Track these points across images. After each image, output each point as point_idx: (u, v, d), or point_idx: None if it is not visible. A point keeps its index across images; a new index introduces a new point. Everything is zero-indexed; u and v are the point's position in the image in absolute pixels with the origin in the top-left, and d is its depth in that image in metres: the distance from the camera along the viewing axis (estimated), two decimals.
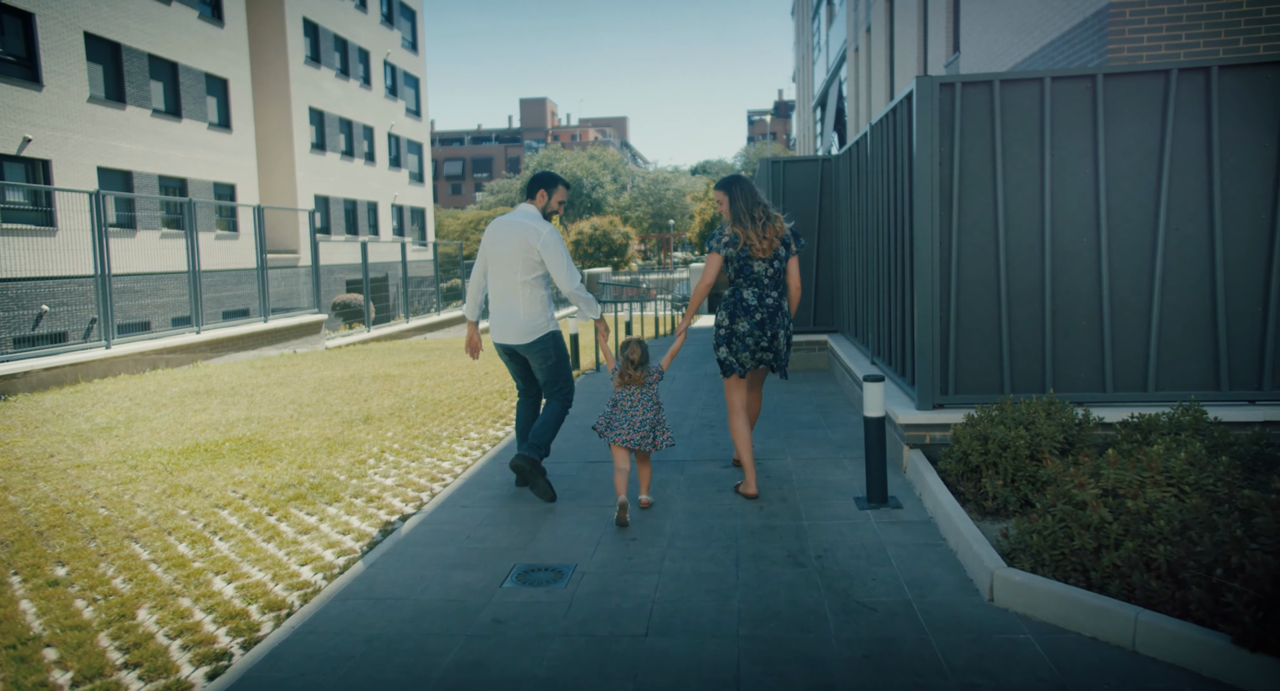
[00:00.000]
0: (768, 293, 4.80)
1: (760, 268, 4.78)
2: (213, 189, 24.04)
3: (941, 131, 4.98)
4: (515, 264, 4.72)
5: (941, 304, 5.04)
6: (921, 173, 4.96)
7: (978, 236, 5.01)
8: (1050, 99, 4.86)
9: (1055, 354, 4.97)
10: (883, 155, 6.36)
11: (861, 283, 7.70)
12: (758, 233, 4.73)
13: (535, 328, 4.76)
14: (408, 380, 9.38)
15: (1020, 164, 4.94)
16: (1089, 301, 4.92)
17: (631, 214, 65.01)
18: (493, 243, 4.82)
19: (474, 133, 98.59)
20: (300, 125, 28.86)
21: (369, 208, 33.95)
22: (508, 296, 4.77)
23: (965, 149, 4.99)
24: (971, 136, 4.98)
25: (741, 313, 4.79)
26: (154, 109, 21.71)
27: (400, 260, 22.52)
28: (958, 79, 4.93)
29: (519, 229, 4.73)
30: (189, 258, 11.65)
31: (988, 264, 5.01)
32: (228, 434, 6.50)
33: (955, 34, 11.72)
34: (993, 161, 4.96)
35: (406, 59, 37.87)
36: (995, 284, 5.00)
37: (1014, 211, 4.97)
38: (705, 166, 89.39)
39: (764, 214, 4.78)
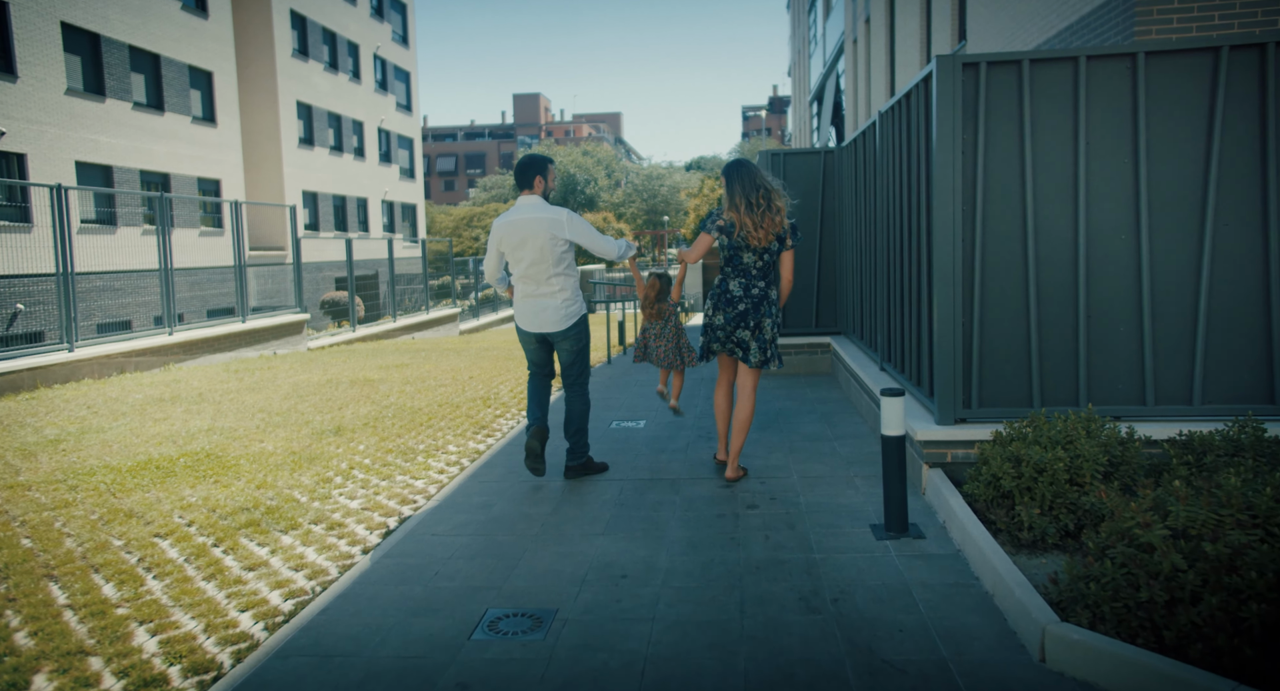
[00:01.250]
0: (754, 283, 4.82)
1: (750, 259, 4.79)
2: (197, 184, 23.48)
3: (964, 117, 4.50)
4: (544, 254, 4.77)
5: (964, 308, 4.56)
6: (942, 163, 4.48)
7: (1004, 233, 4.53)
8: (1086, 80, 4.38)
9: (1090, 363, 4.50)
10: (894, 145, 5.88)
11: (868, 282, 7.23)
12: (754, 220, 4.69)
13: (570, 314, 4.92)
14: (387, 385, 8.89)
15: (1052, 153, 4.46)
16: (1127, 305, 4.44)
17: (625, 210, 64.47)
18: (512, 242, 4.82)
19: (467, 128, 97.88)
20: (288, 119, 28.28)
21: (359, 204, 33.38)
22: (542, 288, 4.85)
23: (990, 136, 4.51)
24: (997, 122, 4.50)
25: (724, 305, 4.85)
26: (135, 102, 21.13)
27: (397, 259, 22.06)
28: (983, 58, 4.45)
29: (539, 223, 4.75)
30: (160, 254, 11.13)
31: (1015, 263, 4.53)
32: (185, 447, 6.00)
33: (961, 21, 11.24)
34: (1021, 150, 4.48)
35: (397, 53, 37.27)
36: (1023, 286, 4.53)
37: (1044, 206, 4.49)
38: (700, 162, 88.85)
39: (764, 200, 4.72)
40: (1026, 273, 4.51)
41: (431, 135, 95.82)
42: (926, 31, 13.20)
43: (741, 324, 4.83)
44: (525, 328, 4.97)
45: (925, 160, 4.96)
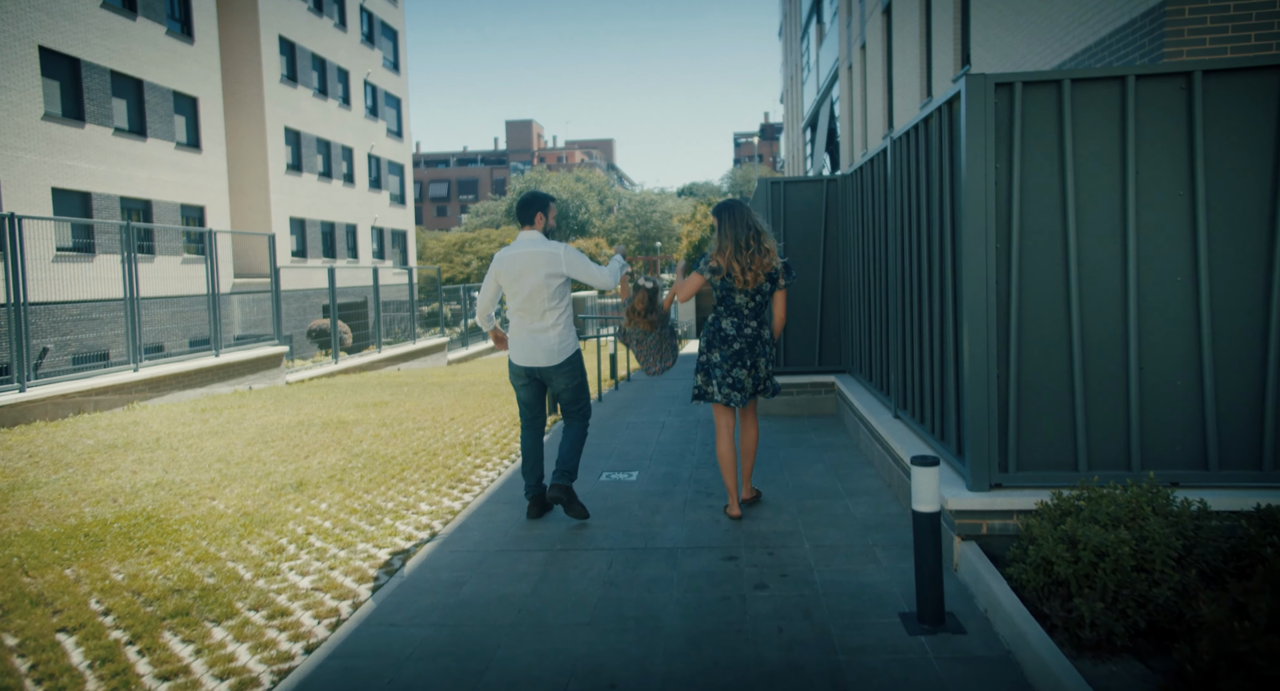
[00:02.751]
0: (746, 322, 4.84)
1: (742, 299, 4.81)
2: (180, 211, 22.94)
3: (998, 143, 3.99)
4: (541, 288, 4.84)
5: (999, 358, 4.03)
6: (972, 195, 3.97)
7: (1043, 273, 4.01)
8: (1134, 102, 3.88)
9: (1143, 421, 3.96)
10: (908, 174, 5.39)
11: (876, 319, 6.71)
12: (743, 263, 4.70)
13: (565, 348, 4.95)
14: (362, 428, 8.30)
15: (1096, 184, 3.96)
16: (1185, 355, 3.92)
17: (618, 236, 64.17)
18: (510, 276, 4.89)
19: (459, 154, 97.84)
20: (275, 145, 27.84)
21: (348, 230, 32.89)
22: (536, 323, 4.90)
23: (1027, 165, 4.00)
24: (1035, 149, 4.00)
25: (718, 343, 4.87)
26: (116, 128, 20.63)
27: (385, 284, 21.47)
28: (1018, 78, 3.96)
29: (538, 258, 4.84)
30: (126, 284, 10.55)
31: (1056, 307, 4.01)
32: (125, 507, 5.39)
33: (964, 44, 10.85)
34: (1061, 181, 3.97)
35: (388, 79, 37.00)
36: (1065, 332, 4.00)
37: (1089, 243, 3.97)
38: (692, 188, 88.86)
39: (754, 242, 4.73)
40: (1069, 317, 3.98)
41: (424, 161, 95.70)
42: (926, 56, 12.83)
43: (738, 363, 4.87)
44: (517, 361, 4.99)
45: (950, 191, 4.46)
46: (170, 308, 20.89)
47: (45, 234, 17.87)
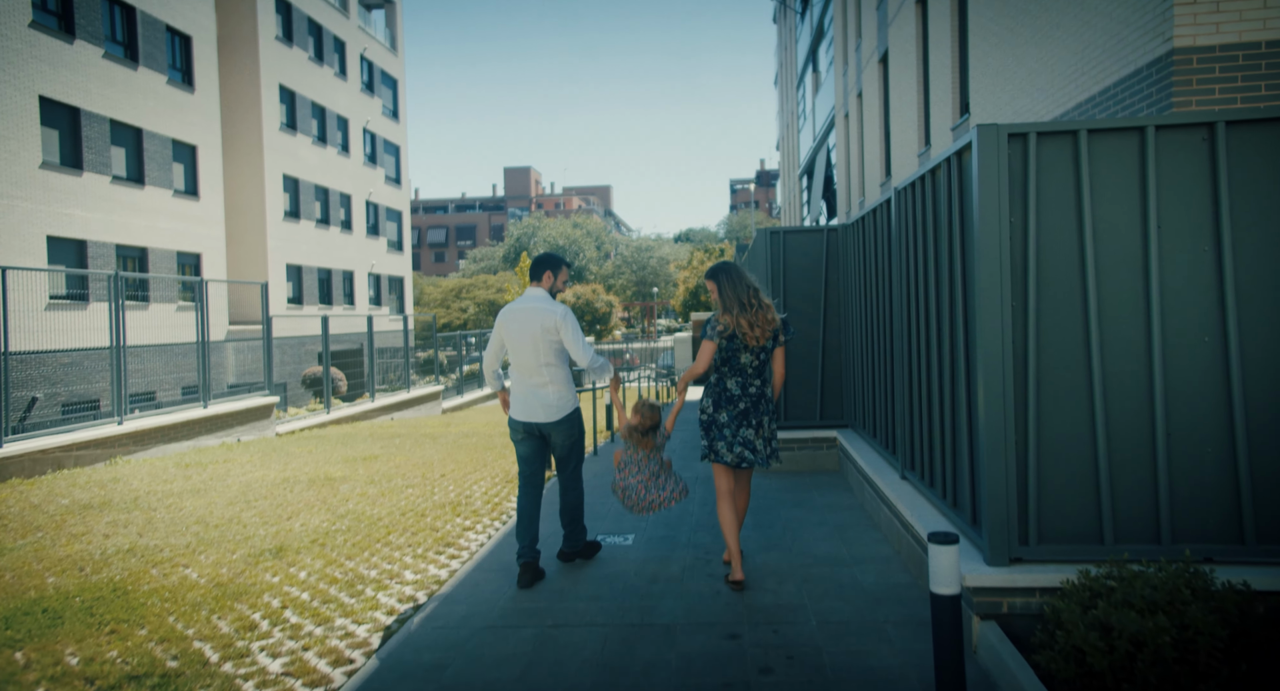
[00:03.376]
0: (750, 382, 4.85)
1: (747, 359, 4.82)
2: (176, 258, 22.84)
3: (1012, 195, 3.81)
4: (538, 348, 4.92)
5: (1017, 422, 3.79)
6: (986, 247, 3.78)
7: (1062, 331, 3.80)
8: (1155, 154, 3.71)
9: (1173, 491, 3.71)
10: (914, 225, 5.21)
11: (880, 373, 6.48)
12: (749, 320, 4.74)
13: (563, 405, 5.01)
14: (349, 485, 8.01)
15: (1117, 237, 3.77)
16: (1216, 419, 3.68)
17: (615, 282, 64.31)
18: (511, 331, 4.99)
19: (458, 200, 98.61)
20: (273, 193, 27.89)
21: (344, 277, 32.82)
22: (534, 379, 4.96)
23: (1043, 217, 3.81)
24: (1051, 201, 3.81)
25: (725, 402, 4.86)
26: (114, 176, 20.61)
27: (380, 331, 21.23)
28: (1031, 128, 3.79)
29: (536, 314, 4.92)
30: (112, 333, 10.32)
31: (1076, 368, 3.79)
32: (91, 577, 5.10)
33: (963, 94, 10.81)
34: (1079, 234, 3.78)
35: (387, 127, 37.29)
36: (1087, 394, 3.77)
37: (1110, 299, 3.77)
38: (689, 234, 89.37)
39: (755, 300, 4.78)
40: (1090, 379, 3.76)
41: (423, 207, 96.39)
42: (924, 105, 12.81)
43: (745, 422, 4.86)
44: (517, 417, 5.04)
45: (961, 243, 4.27)
46: (163, 355, 20.67)
47: (38, 282, 17.74)
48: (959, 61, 10.91)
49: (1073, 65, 7.30)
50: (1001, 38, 9.02)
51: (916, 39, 12.75)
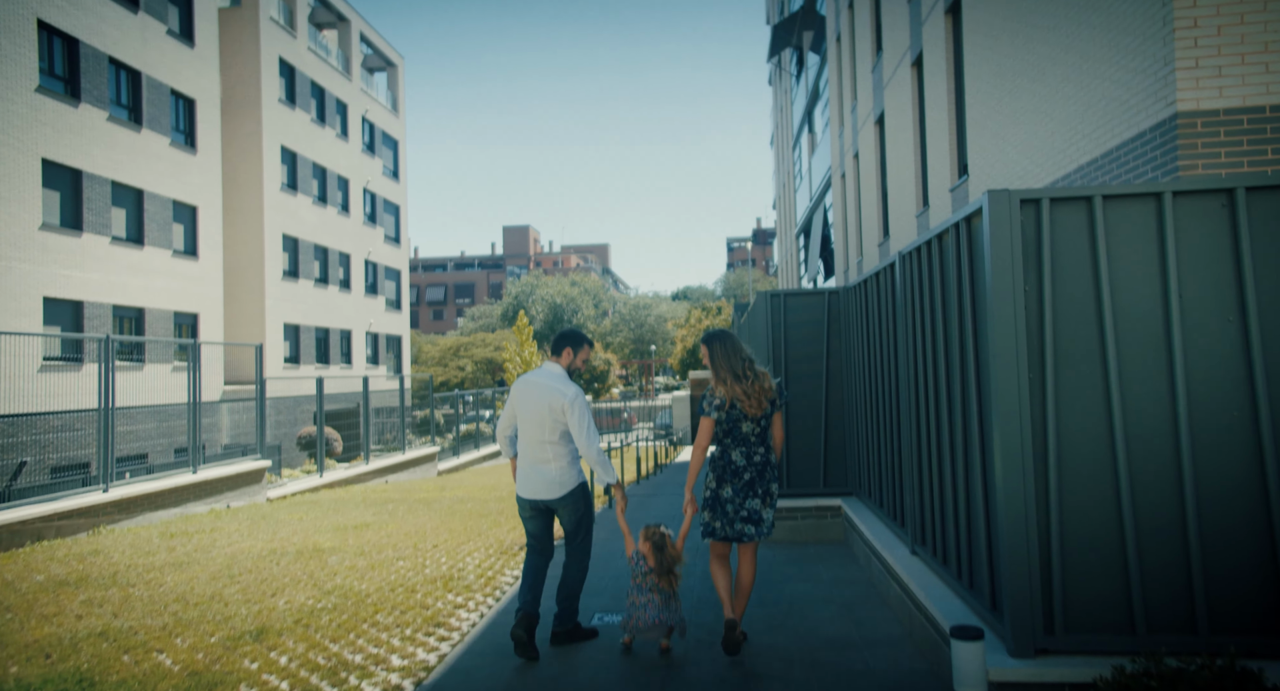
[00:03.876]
0: (755, 450, 4.79)
1: (749, 427, 4.77)
2: (173, 318, 22.75)
3: (1026, 262, 3.68)
4: (544, 424, 4.84)
5: (1038, 498, 3.59)
6: (1001, 317, 3.63)
7: (1083, 404, 3.62)
8: (1173, 220, 3.58)
9: (1207, 578, 3.48)
10: (921, 290, 5.07)
11: (886, 440, 6.28)
12: (745, 389, 4.70)
13: (565, 482, 4.90)
14: (338, 557, 7.72)
15: (1137, 305, 3.61)
16: (1249, 500, 3.48)
17: (613, 340, 64.35)
18: (521, 401, 4.94)
19: (457, 259, 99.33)
20: (273, 252, 27.97)
21: (342, 336, 32.74)
22: (538, 454, 4.89)
23: (1059, 286, 3.67)
24: (1067, 269, 3.67)
25: (729, 476, 4.78)
26: (114, 236, 20.64)
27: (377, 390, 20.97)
28: (1044, 194, 3.67)
29: (546, 391, 4.85)
30: (101, 399, 10.11)
31: (1100, 442, 3.60)
32: (58, 665, 4.80)
33: (960, 155, 10.83)
34: (1098, 303, 3.63)
35: (387, 186, 37.66)
36: (1111, 472, 3.57)
37: (1132, 371, 3.60)
38: (686, 292, 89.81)
39: (749, 371, 4.73)
40: (1114, 455, 3.57)
41: (422, 266, 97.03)
42: (921, 166, 12.86)
43: (750, 493, 4.78)
44: (522, 493, 4.98)
45: (972, 311, 4.12)
46: (156, 417, 20.43)
47: (32, 344, 17.61)
48: (955, 124, 10.95)
49: (1073, 127, 7.27)
50: (999, 100, 9.05)
51: (912, 101, 12.86)
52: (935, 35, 11.40)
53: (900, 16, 13.36)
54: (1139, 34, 6.11)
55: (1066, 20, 7.29)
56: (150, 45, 22.00)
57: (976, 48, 9.73)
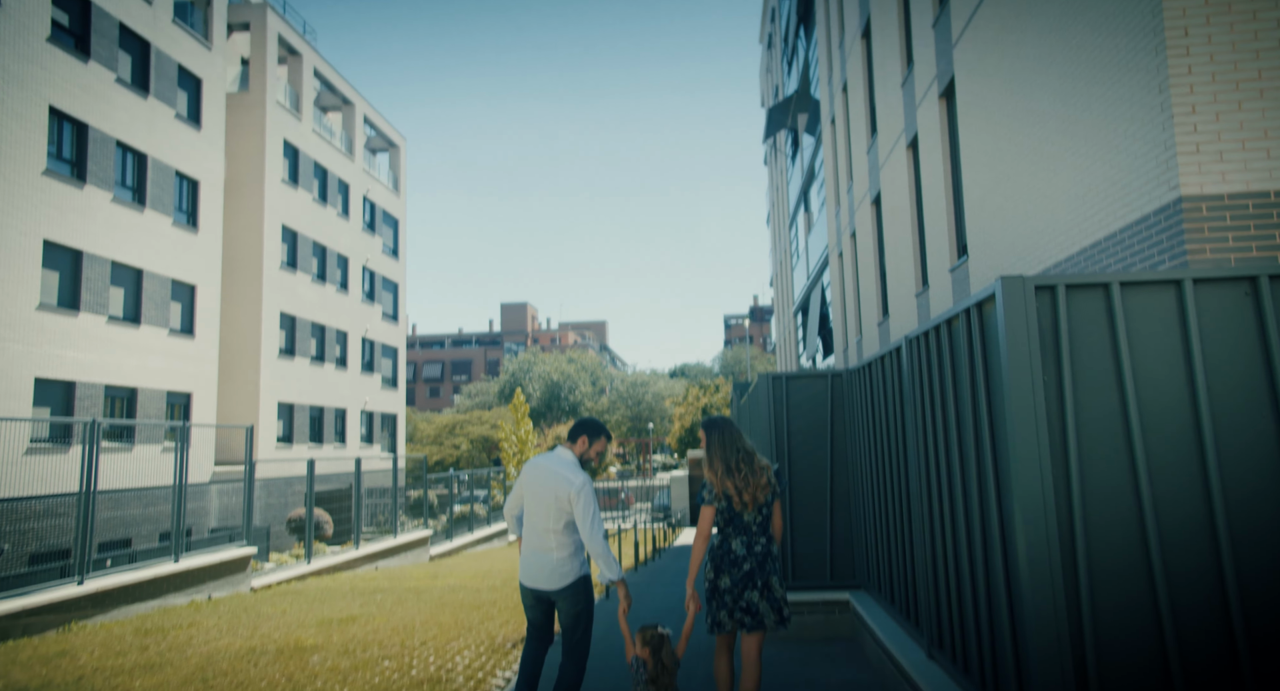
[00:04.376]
0: (756, 540, 4.70)
1: (750, 517, 4.70)
2: (165, 398, 22.50)
3: (1044, 350, 3.52)
4: (549, 511, 4.74)
5: (1069, 607, 3.33)
6: (1019, 406, 3.44)
7: (1113, 501, 3.40)
8: (1195, 308, 3.43)
9: (1256, 670, 3.21)
10: (930, 375, 4.90)
11: (895, 531, 6.01)
12: (736, 484, 4.64)
13: (566, 573, 4.76)
14: (321, 655, 7.31)
15: (1163, 397, 3.44)
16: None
17: (610, 418, 63.91)
18: (529, 485, 4.87)
19: (454, 336, 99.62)
20: (269, 330, 27.91)
21: (337, 414, 32.42)
22: (542, 541, 4.77)
23: (1081, 374, 3.50)
24: (1087, 358, 3.51)
25: (727, 566, 4.67)
26: (111, 316, 20.58)
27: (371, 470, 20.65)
28: (1060, 281, 3.54)
29: (555, 478, 4.76)
30: (83, 485, 9.80)
31: (1131, 542, 3.36)
32: None
33: (959, 235, 10.83)
34: (1121, 391, 3.45)
35: (387, 264, 37.93)
36: (1147, 581, 3.33)
37: (1161, 464, 3.39)
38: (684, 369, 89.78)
39: (744, 465, 4.67)
40: (1149, 554, 3.33)
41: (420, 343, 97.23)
42: (919, 246, 12.87)
43: (749, 584, 4.63)
44: (525, 582, 4.87)
45: (986, 397, 3.94)
46: (142, 500, 19.94)
47: (19, 427, 17.32)
48: (953, 205, 10.99)
49: (1074, 210, 7.23)
50: (996, 182, 9.07)
51: (909, 182, 12.96)
52: (930, 118, 11.55)
53: (894, 100, 13.59)
54: (1137, 120, 6.11)
55: (1062, 105, 7.33)
56: (158, 129, 22.39)
57: (972, 131, 9.82)
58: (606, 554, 4.69)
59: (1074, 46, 7.02)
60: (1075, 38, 6.98)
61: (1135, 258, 6.16)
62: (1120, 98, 6.32)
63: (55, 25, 19.32)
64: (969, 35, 9.74)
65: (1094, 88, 6.71)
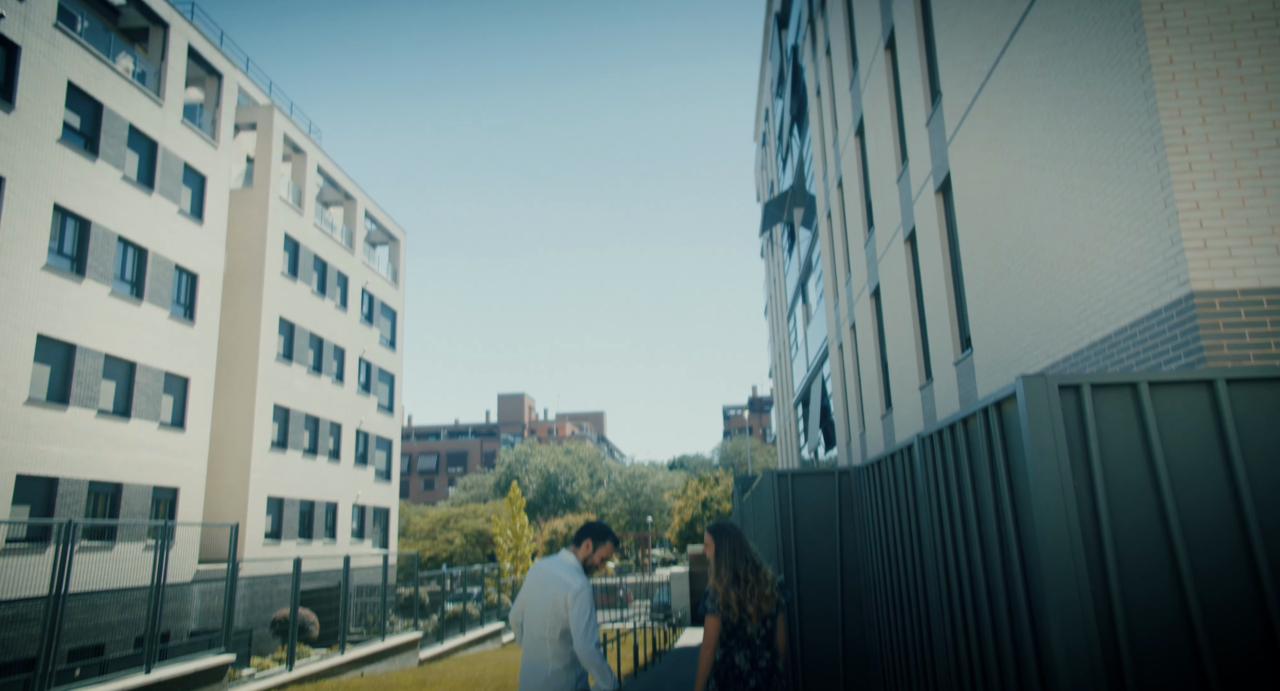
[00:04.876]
0: (760, 654, 4.57)
1: (753, 629, 4.60)
2: (151, 494, 21.95)
3: (1072, 453, 3.32)
4: (546, 617, 4.60)
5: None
6: (1049, 515, 3.23)
7: (1156, 609, 3.15)
8: (1230, 407, 3.26)
9: None
10: (946, 475, 4.68)
11: (913, 641, 5.66)
12: (740, 595, 4.53)
13: (560, 687, 4.58)
14: None
15: (1204, 499, 3.23)
16: None
17: (608, 511, 62.77)
18: (530, 590, 4.76)
19: (450, 427, 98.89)
20: (262, 423, 27.55)
21: (328, 508, 31.72)
22: (538, 651, 4.62)
23: (1113, 480, 3.29)
24: (1118, 458, 3.32)
25: (732, 683, 4.55)
26: (100, 409, 20.26)
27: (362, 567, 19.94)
28: (1085, 380, 3.37)
29: (553, 582, 4.64)
30: (53, 585, 9.36)
31: (1183, 660, 3.09)
32: None
33: (962, 329, 10.76)
34: (1157, 492, 3.25)
35: (383, 356, 37.85)
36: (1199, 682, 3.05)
37: (1206, 567, 3.16)
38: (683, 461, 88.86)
39: (751, 576, 4.58)
40: (1199, 662, 3.05)
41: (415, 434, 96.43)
42: (921, 339, 12.79)
43: None
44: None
45: (1010, 499, 3.72)
46: (120, 601, 19.19)
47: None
48: (954, 298, 10.95)
49: (1080, 303, 7.14)
50: (998, 276, 9.03)
51: (908, 275, 12.99)
52: (927, 213, 11.64)
53: (890, 195, 13.77)
54: (1141, 215, 6.08)
55: (1063, 201, 7.34)
56: (160, 224, 22.64)
57: (970, 225, 9.86)
58: (599, 662, 4.49)
59: (1072, 144, 7.07)
60: (1073, 135, 7.05)
61: (1149, 353, 6.02)
62: (1123, 193, 6.31)
63: (66, 126, 19.74)
64: (963, 132, 9.90)
65: (1095, 183, 6.72)
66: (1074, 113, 7.03)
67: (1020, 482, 3.62)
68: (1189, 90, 5.86)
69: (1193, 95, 5.86)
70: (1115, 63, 6.36)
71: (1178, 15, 6.01)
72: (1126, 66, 6.21)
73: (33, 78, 18.63)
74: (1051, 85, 7.44)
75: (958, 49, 10.01)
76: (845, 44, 17.53)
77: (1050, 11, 7.43)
